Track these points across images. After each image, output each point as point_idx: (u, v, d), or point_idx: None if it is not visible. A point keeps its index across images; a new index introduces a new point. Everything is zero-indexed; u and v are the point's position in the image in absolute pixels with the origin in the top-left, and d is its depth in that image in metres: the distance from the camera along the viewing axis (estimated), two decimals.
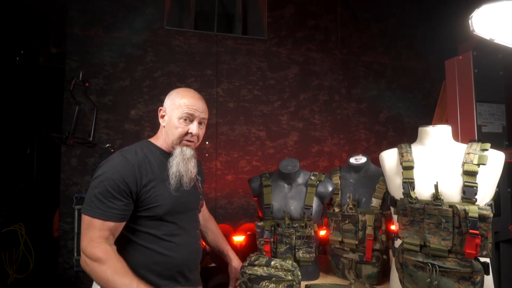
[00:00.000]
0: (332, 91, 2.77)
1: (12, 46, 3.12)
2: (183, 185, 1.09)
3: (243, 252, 2.15)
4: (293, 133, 2.67)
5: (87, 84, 2.26)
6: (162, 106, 1.16)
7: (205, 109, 1.14)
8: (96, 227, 0.96)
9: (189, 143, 1.11)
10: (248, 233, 2.20)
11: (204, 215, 1.39)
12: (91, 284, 1.06)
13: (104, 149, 2.29)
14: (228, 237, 2.16)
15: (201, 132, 1.15)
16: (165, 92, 1.18)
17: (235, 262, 1.36)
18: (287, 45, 2.70)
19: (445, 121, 2.56)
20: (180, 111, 1.08)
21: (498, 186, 1.10)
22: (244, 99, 2.59)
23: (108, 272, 0.92)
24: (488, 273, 0.98)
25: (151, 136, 1.19)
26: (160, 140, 1.15)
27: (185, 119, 1.09)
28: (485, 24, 1.02)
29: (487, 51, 2.21)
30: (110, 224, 0.97)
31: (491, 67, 2.25)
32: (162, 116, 1.14)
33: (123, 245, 1.03)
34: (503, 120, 2.28)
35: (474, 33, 1.03)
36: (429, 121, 2.79)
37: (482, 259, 1.00)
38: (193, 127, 1.10)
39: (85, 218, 0.98)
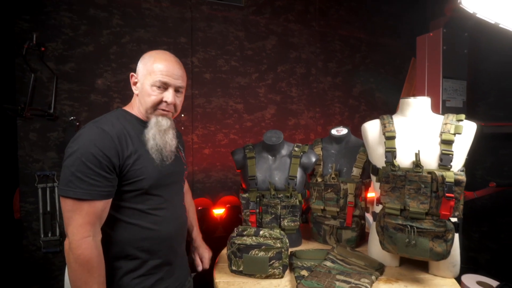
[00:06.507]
0: (309, 64, 2.76)
1: None
2: (164, 158, 1.03)
3: (224, 224, 2.17)
4: (271, 106, 2.65)
5: (42, 49, 2.00)
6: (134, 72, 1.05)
7: (182, 75, 1.04)
8: (82, 209, 0.87)
9: (164, 113, 1.03)
10: (227, 205, 2.21)
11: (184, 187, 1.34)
12: (63, 267, 0.99)
13: (68, 122, 2.09)
14: (208, 210, 2.16)
15: (179, 101, 1.06)
16: (135, 60, 1.06)
17: (197, 242, 1.33)
18: (265, 14, 2.60)
19: (412, 96, 2.70)
20: (153, 78, 0.98)
21: (468, 153, 1.20)
22: (221, 70, 2.48)
23: (82, 281, 0.86)
24: (458, 231, 1.09)
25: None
26: (135, 108, 1.06)
27: (159, 87, 1.00)
28: None
29: (455, 29, 2.32)
30: (97, 203, 0.89)
31: (458, 44, 2.37)
32: (135, 83, 1.05)
33: (107, 223, 0.95)
34: (464, 95, 2.46)
35: (460, 5, 1.05)
36: (397, 96, 2.92)
37: (453, 219, 1.10)
38: (168, 95, 1.01)
39: (67, 201, 0.87)
